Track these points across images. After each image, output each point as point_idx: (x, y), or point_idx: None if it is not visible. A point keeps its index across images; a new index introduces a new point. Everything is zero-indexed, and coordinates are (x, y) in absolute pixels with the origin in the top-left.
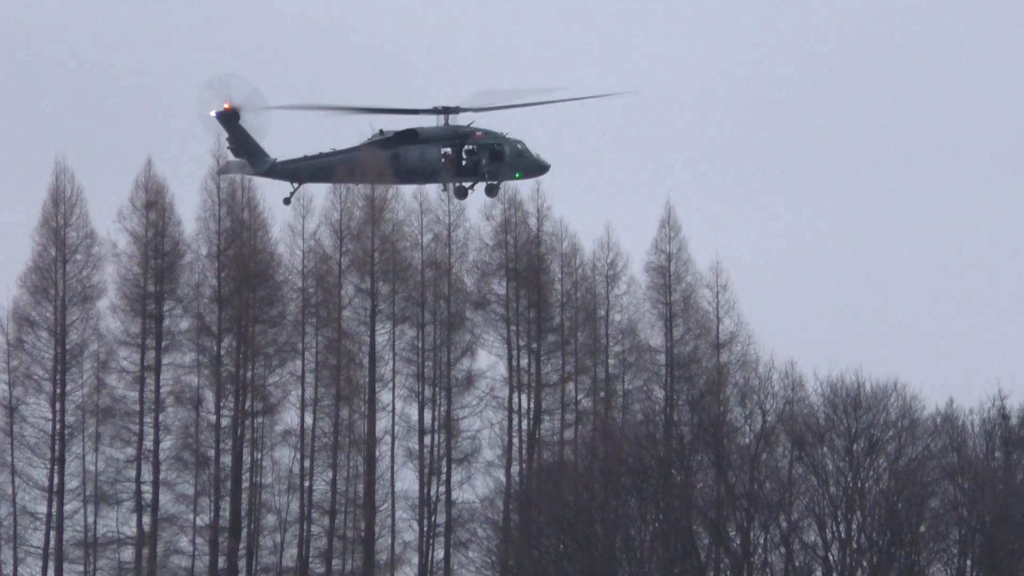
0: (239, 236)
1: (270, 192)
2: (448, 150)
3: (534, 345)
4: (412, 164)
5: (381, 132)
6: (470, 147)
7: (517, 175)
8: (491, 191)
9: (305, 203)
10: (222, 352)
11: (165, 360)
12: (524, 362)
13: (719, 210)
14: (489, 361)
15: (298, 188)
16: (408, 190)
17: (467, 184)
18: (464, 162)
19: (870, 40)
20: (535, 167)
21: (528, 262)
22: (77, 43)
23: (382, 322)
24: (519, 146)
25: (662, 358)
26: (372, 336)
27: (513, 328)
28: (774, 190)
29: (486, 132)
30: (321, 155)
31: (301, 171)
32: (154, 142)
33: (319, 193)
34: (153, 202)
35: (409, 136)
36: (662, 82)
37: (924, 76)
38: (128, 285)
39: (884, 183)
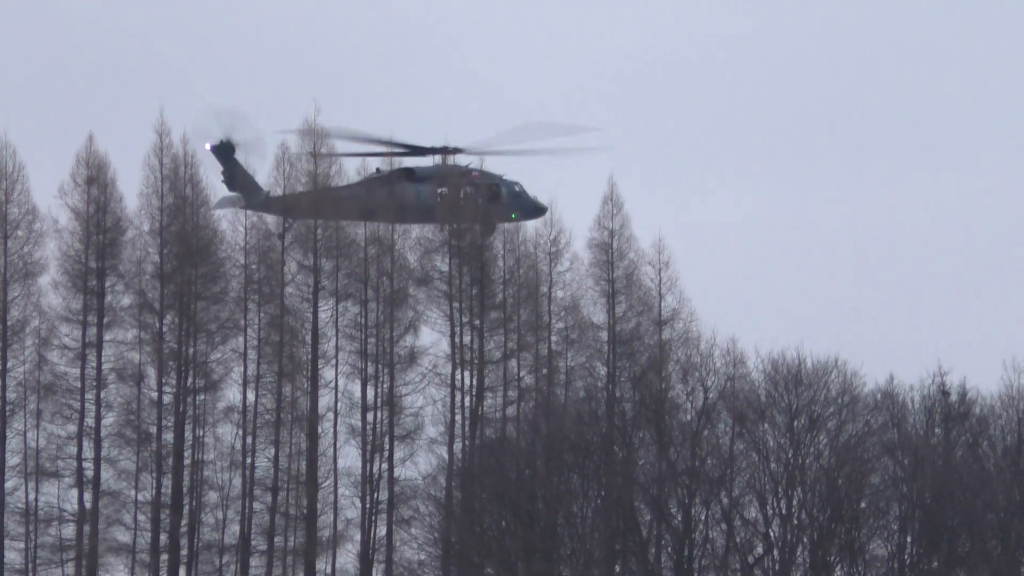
0: (181, 212)
1: (214, 170)
2: (444, 190)
3: (477, 322)
4: (407, 203)
5: (378, 170)
6: (467, 188)
7: (514, 216)
8: (487, 232)
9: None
10: (164, 329)
11: (107, 336)
12: (467, 339)
13: (662, 187)
14: (432, 338)
15: (292, 225)
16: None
17: (463, 225)
18: (460, 202)
19: (803, 17)
20: (532, 209)
21: (471, 239)
22: (17, 16)
23: (325, 299)
24: (516, 187)
25: (604, 335)
26: (315, 313)
27: (456, 305)
28: (717, 168)
29: (483, 173)
30: (315, 191)
31: (294, 206)
32: (96, 118)
33: (262, 169)
34: (94, 178)
35: (405, 175)
36: (605, 59)
37: (860, 50)
38: (70, 261)
39: (824, 159)
